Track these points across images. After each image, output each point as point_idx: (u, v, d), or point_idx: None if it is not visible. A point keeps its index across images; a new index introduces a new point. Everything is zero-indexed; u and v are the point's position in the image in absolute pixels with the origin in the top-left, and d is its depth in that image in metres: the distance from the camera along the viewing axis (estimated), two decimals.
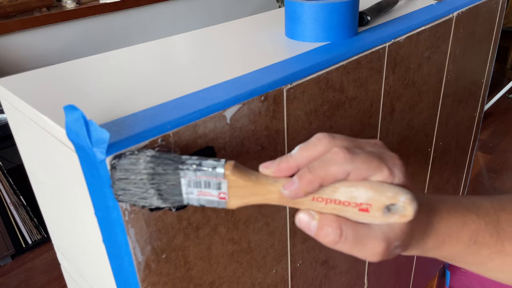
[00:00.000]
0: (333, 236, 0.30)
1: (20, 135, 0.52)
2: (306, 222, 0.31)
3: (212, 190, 0.32)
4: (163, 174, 0.32)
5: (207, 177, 0.32)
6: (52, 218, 0.57)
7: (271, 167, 0.32)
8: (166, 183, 0.32)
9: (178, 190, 0.32)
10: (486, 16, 0.83)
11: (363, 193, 0.30)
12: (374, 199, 0.30)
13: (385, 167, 0.30)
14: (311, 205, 0.31)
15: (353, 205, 0.30)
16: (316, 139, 0.32)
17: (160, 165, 0.32)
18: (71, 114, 0.32)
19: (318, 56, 0.50)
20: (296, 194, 0.30)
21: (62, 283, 1.43)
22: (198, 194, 0.32)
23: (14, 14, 1.82)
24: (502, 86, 2.47)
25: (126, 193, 0.33)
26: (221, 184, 0.32)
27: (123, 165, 0.32)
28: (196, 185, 0.32)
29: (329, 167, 0.30)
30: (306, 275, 0.60)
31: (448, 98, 0.81)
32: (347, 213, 0.30)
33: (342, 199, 0.30)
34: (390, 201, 0.29)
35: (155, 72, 0.48)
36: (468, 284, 1.39)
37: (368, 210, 0.30)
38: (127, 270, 0.37)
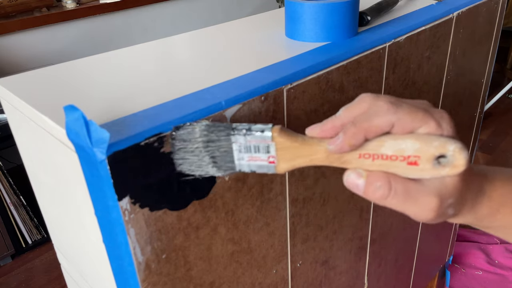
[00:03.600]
0: (382, 191, 0.30)
1: (20, 135, 0.52)
2: (353, 180, 0.31)
3: (262, 154, 0.33)
4: (216, 141, 0.34)
5: (256, 140, 0.33)
6: (52, 218, 0.57)
7: (316, 128, 0.32)
8: (219, 149, 0.34)
9: (230, 156, 0.34)
10: (486, 16, 0.83)
11: (410, 145, 0.29)
12: (422, 150, 0.29)
13: (432, 119, 0.29)
14: (358, 163, 0.30)
15: (401, 159, 0.29)
16: (360, 98, 0.32)
17: (213, 132, 0.34)
18: (71, 114, 0.32)
19: (318, 56, 0.50)
20: (341, 148, 0.30)
21: (62, 283, 1.43)
22: (248, 159, 0.34)
23: (14, 14, 1.82)
24: (502, 86, 2.47)
25: (185, 162, 0.35)
26: (270, 147, 0.33)
27: (181, 135, 0.35)
28: (247, 150, 0.33)
29: (372, 118, 0.29)
30: (306, 275, 0.60)
31: (448, 98, 0.81)
32: (396, 168, 0.30)
33: (389, 153, 0.29)
34: (439, 151, 0.28)
35: (155, 72, 0.48)
36: (468, 284, 1.39)
37: (417, 163, 0.29)
38: (127, 270, 0.37)
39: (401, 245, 0.86)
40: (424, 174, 0.29)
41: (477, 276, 1.41)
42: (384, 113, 0.29)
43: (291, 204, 0.52)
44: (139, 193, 0.35)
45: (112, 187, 0.33)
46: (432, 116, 0.29)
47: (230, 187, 0.43)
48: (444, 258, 1.19)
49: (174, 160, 0.36)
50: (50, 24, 1.90)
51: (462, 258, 1.48)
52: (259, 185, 0.46)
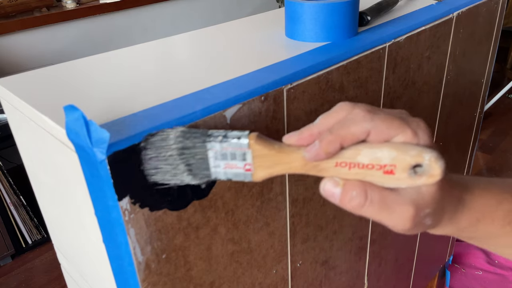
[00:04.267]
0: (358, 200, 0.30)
1: (20, 135, 0.52)
2: (330, 188, 0.30)
3: (238, 161, 0.33)
4: (191, 148, 0.33)
5: (233, 148, 0.32)
6: (52, 218, 0.57)
7: (294, 136, 0.32)
8: (194, 157, 0.33)
9: (206, 163, 0.33)
10: (486, 16, 0.83)
11: (386, 154, 0.29)
12: (398, 159, 0.29)
13: (408, 128, 0.29)
14: (335, 171, 0.30)
15: (377, 168, 0.29)
16: (338, 106, 0.32)
17: (188, 138, 0.33)
18: (71, 114, 0.32)
19: (318, 56, 0.50)
20: (317, 155, 0.30)
21: (62, 283, 1.43)
22: (225, 167, 0.33)
23: (14, 14, 1.82)
24: (502, 86, 2.47)
25: (158, 172, 0.34)
26: (246, 155, 0.32)
27: (154, 143, 0.34)
28: (223, 157, 0.33)
29: (349, 126, 0.29)
30: (306, 275, 0.60)
31: (448, 98, 0.81)
32: (372, 177, 0.29)
33: (365, 162, 0.29)
34: (414, 160, 0.28)
35: (155, 72, 0.48)
36: (468, 284, 1.39)
37: (393, 172, 0.29)
38: (127, 270, 0.37)
39: (401, 245, 0.86)
40: (400, 183, 0.29)
41: (477, 276, 1.41)
42: (360, 121, 0.29)
43: (291, 204, 0.52)
44: (139, 193, 0.35)
45: (112, 187, 0.33)
46: (408, 124, 0.29)
47: (230, 187, 0.43)
48: (444, 258, 1.19)
49: (145, 171, 0.34)
50: (50, 24, 1.89)
51: (462, 258, 1.48)
52: (259, 185, 0.46)
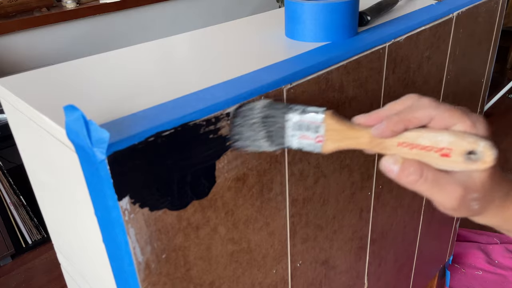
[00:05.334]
0: (414, 176, 0.33)
1: (20, 135, 0.52)
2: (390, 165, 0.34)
3: (312, 133, 0.37)
4: (273, 117, 0.38)
5: (309, 120, 0.37)
6: (52, 218, 0.57)
7: (363, 117, 0.36)
8: (274, 125, 0.38)
9: (283, 132, 0.38)
10: (486, 16, 0.83)
11: (445, 138, 0.32)
12: (455, 143, 0.31)
13: (468, 119, 0.32)
14: (397, 150, 0.34)
15: (436, 150, 0.32)
16: (405, 96, 0.35)
17: (271, 109, 0.38)
18: (71, 114, 0.32)
19: (318, 56, 0.50)
20: (383, 132, 0.33)
21: (62, 283, 1.43)
22: (299, 137, 0.37)
23: (14, 14, 1.82)
24: (502, 86, 2.47)
25: (241, 138, 0.39)
26: (320, 128, 0.37)
27: (243, 112, 0.39)
28: (299, 127, 0.37)
29: (415, 110, 0.33)
30: (306, 275, 0.60)
31: (448, 98, 0.81)
32: (430, 158, 0.33)
33: (425, 144, 0.32)
34: (470, 146, 0.31)
35: (155, 72, 0.48)
36: (468, 284, 1.39)
37: (449, 155, 0.32)
38: (127, 270, 0.37)
39: (401, 245, 0.86)
40: (455, 166, 0.32)
41: (477, 276, 1.41)
42: (426, 107, 0.33)
43: (291, 204, 0.52)
44: (139, 193, 0.35)
45: (112, 187, 0.33)
46: (469, 116, 0.32)
47: (230, 187, 0.43)
48: (444, 258, 1.19)
49: (230, 136, 0.39)
50: (50, 24, 1.89)
51: (462, 258, 1.48)
52: (259, 185, 0.46)
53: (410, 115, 0.33)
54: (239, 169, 0.43)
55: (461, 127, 0.32)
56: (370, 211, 0.69)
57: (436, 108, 0.33)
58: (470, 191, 0.32)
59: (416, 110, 0.33)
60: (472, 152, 0.31)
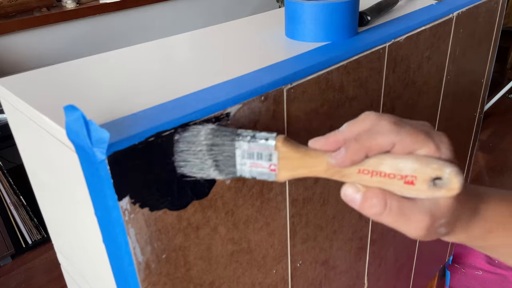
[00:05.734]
0: (378, 208, 0.31)
1: (20, 135, 0.52)
2: (351, 194, 0.32)
3: (264, 161, 0.34)
4: (220, 145, 0.35)
5: (260, 148, 0.34)
6: (52, 218, 0.57)
7: (320, 141, 0.33)
8: (222, 154, 0.35)
9: (232, 161, 0.35)
10: (486, 16, 0.83)
11: (408, 165, 0.30)
12: (419, 170, 0.29)
13: (432, 142, 0.30)
14: (357, 177, 0.31)
15: (399, 178, 0.30)
16: (363, 116, 0.33)
17: (218, 136, 0.35)
18: (71, 114, 0.32)
19: (318, 56, 0.50)
20: (342, 163, 0.31)
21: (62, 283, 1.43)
22: (250, 165, 0.35)
23: (14, 14, 1.82)
24: (502, 86, 2.47)
25: (187, 165, 0.36)
26: (272, 156, 0.34)
27: (186, 137, 0.36)
28: (249, 156, 0.34)
29: (375, 137, 0.31)
30: (306, 275, 0.60)
31: (448, 98, 0.81)
32: (392, 186, 0.30)
33: (387, 171, 0.30)
34: (435, 173, 0.29)
35: (155, 72, 0.48)
36: (468, 284, 1.39)
37: (414, 183, 0.30)
38: (127, 270, 0.37)
39: (401, 245, 0.86)
40: (419, 194, 0.30)
41: (477, 276, 1.41)
42: (386, 133, 0.30)
43: (291, 204, 0.52)
44: (139, 193, 0.35)
45: (112, 187, 0.33)
46: (433, 139, 0.30)
47: (230, 187, 0.43)
48: (444, 258, 1.19)
49: (175, 162, 0.36)
50: (50, 24, 1.89)
51: (462, 258, 1.48)
52: (259, 185, 0.46)
53: (371, 142, 0.31)
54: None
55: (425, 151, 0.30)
56: None
57: (398, 134, 0.30)
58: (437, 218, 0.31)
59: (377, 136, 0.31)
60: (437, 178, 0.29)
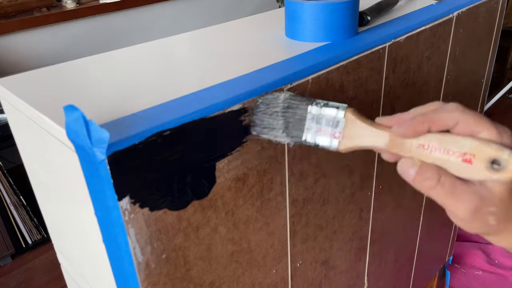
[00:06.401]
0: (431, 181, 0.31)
1: (20, 135, 0.52)
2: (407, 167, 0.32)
3: (331, 128, 0.36)
4: (294, 108, 0.37)
5: (329, 114, 0.36)
6: (52, 218, 0.57)
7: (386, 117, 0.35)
8: (294, 116, 0.37)
9: (302, 124, 0.37)
10: (486, 16, 0.83)
11: (468, 142, 0.30)
12: (479, 148, 0.30)
13: (494, 128, 0.31)
14: (417, 152, 0.32)
15: (457, 154, 0.30)
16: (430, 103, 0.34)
17: (294, 100, 0.38)
18: (71, 114, 0.32)
19: (318, 56, 0.50)
20: (405, 130, 0.32)
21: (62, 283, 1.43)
22: (316, 131, 0.36)
23: (14, 14, 1.82)
24: (502, 86, 2.47)
25: (261, 124, 0.39)
26: (339, 123, 0.36)
27: (267, 100, 0.39)
28: (318, 121, 0.36)
29: (440, 112, 0.32)
30: (306, 275, 0.60)
31: (448, 98, 0.81)
32: (450, 163, 0.31)
33: (447, 147, 0.31)
34: (495, 153, 0.29)
35: (155, 72, 0.48)
36: (468, 284, 1.39)
37: (472, 162, 0.30)
38: (127, 270, 0.37)
39: (401, 245, 0.86)
40: (476, 175, 0.30)
41: (477, 276, 1.41)
42: (451, 111, 0.32)
43: (291, 204, 0.52)
44: (139, 193, 0.35)
45: (112, 187, 0.33)
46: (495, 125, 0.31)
47: (230, 187, 0.43)
48: (444, 258, 1.19)
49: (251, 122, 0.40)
50: (50, 24, 1.89)
51: (462, 258, 1.48)
52: (259, 185, 0.46)
53: (436, 116, 0.32)
54: (239, 169, 0.43)
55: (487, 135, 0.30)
56: (370, 211, 0.69)
57: (463, 112, 0.31)
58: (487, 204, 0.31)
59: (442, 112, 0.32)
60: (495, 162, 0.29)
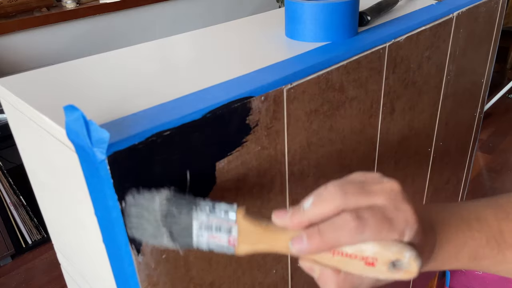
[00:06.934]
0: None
1: (20, 135, 0.52)
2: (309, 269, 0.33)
3: (223, 234, 0.33)
4: (176, 215, 0.33)
5: (219, 220, 0.32)
6: (52, 218, 0.57)
7: (284, 218, 0.32)
8: (178, 224, 0.33)
9: (189, 232, 0.33)
10: (486, 16, 0.83)
11: (370, 247, 0.30)
12: (380, 253, 0.30)
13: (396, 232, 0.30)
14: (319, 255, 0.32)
15: (360, 258, 0.31)
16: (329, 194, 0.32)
17: (174, 205, 0.33)
18: (71, 114, 0.32)
19: (318, 56, 0.50)
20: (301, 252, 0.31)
21: (62, 283, 1.43)
22: (208, 237, 0.33)
23: (14, 14, 1.82)
24: (502, 86, 2.47)
25: (139, 229, 0.34)
26: (232, 229, 0.32)
27: (140, 202, 0.34)
28: (208, 228, 0.33)
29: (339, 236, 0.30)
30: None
31: (448, 98, 0.81)
32: (353, 265, 0.31)
33: (349, 252, 0.31)
34: (395, 256, 0.30)
35: (155, 72, 0.48)
36: (468, 284, 1.39)
37: (374, 264, 0.31)
38: (127, 270, 0.37)
39: None
40: (379, 275, 0.31)
41: (477, 276, 1.41)
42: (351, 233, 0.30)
43: (291, 204, 0.52)
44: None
45: (112, 187, 0.33)
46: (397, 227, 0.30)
47: (230, 187, 0.43)
48: None
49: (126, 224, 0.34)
50: (50, 24, 1.89)
51: None
52: (259, 185, 0.46)
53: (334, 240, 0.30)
54: (239, 169, 0.43)
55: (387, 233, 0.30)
56: None
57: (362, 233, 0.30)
58: None
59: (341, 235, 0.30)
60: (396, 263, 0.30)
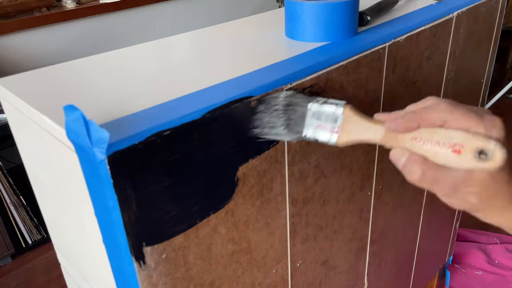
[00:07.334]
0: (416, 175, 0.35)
1: (20, 135, 0.52)
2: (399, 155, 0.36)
3: (330, 123, 0.39)
4: (295, 105, 0.40)
5: (329, 110, 0.39)
6: (52, 218, 0.57)
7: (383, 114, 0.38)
8: (295, 113, 0.40)
9: (302, 120, 0.40)
10: (486, 16, 0.83)
11: (458, 134, 0.33)
12: (467, 139, 0.33)
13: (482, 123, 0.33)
14: (410, 144, 0.35)
15: (447, 146, 0.33)
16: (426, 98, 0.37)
17: (294, 98, 0.41)
18: (71, 114, 0.32)
19: (318, 56, 0.50)
20: (396, 126, 0.35)
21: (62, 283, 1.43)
22: (316, 126, 0.39)
23: (14, 14, 1.82)
24: (502, 86, 2.47)
25: (261, 124, 0.41)
26: (338, 119, 0.38)
27: (267, 99, 0.41)
28: (318, 117, 0.39)
29: (430, 112, 0.35)
30: (306, 275, 0.60)
31: (448, 98, 0.81)
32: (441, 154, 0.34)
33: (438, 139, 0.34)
34: (482, 144, 0.32)
35: (155, 72, 0.48)
36: (468, 284, 1.39)
37: (461, 151, 0.33)
38: (127, 270, 0.37)
39: (401, 245, 0.86)
40: (464, 164, 0.33)
41: (477, 276, 1.41)
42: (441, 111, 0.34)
43: (291, 204, 0.52)
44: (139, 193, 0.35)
45: (112, 187, 0.33)
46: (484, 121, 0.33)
47: None
48: (444, 258, 1.19)
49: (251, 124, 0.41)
50: (50, 24, 1.89)
51: (462, 258, 1.48)
52: (259, 185, 0.46)
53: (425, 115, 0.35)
54: (239, 169, 0.43)
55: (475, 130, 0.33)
56: (370, 211, 0.69)
57: (451, 113, 0.34)
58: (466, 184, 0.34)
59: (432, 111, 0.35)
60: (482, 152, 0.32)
